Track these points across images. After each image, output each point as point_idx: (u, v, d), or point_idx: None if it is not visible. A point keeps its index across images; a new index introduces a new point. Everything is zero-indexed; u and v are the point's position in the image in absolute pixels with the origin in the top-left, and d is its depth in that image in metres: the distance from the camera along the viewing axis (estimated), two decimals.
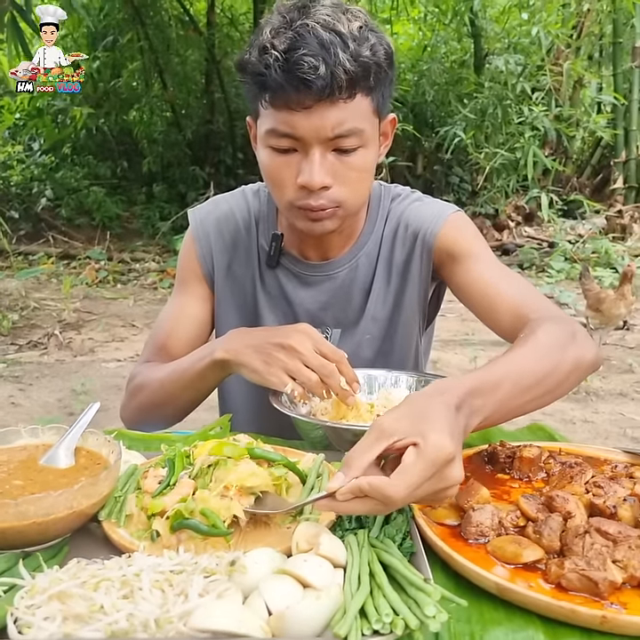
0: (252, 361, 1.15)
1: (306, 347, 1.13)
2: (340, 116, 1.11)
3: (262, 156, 1.22)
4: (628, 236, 8.57)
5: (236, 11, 9.80)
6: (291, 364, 1.12)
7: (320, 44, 1.06)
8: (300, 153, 1.16)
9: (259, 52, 1.11)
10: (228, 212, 1.45)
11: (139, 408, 1.36)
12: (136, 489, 0.94)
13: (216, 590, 0.71)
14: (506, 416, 0.97)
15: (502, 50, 8.17)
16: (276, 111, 1.13)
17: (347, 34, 1.08)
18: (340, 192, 1.19)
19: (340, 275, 1.41)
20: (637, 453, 1.12)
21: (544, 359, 1.02)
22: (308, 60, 1.05)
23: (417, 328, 1.48)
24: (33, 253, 7.96)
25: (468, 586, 0.80)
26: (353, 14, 1.12)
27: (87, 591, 0.71)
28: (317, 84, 1.06)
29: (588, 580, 0.75)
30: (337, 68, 1.06)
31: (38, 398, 4.02)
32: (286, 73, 1.07)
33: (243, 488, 0.89)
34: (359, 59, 1.08)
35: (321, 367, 1.12)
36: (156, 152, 9.56)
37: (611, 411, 3.92)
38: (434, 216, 1.38)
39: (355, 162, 1.18)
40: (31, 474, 0.93)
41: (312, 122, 1.11)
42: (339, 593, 0.72)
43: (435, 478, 0.77)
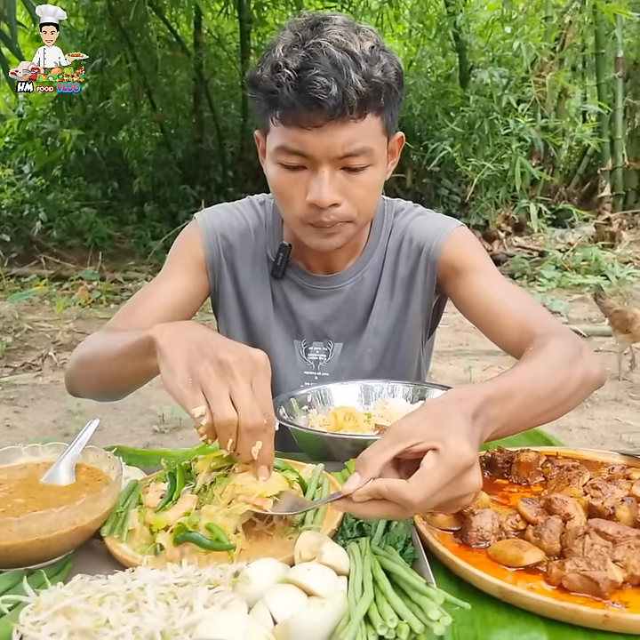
0: (176, 357, 0.91)
1: (246, 377, 0.87)
2: (351, 136, 1.12)
3: (271, 171, 1.23)
4: (618, 244, 8.64)
5: (222, 31, 9.88)
6: (215, 385, 0.86)
7: (332, 64, 1.06)
8: (309, 170, 1.17)
9: (271, 69, 1.11)
10: (239, 215, 1.45)
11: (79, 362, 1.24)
12: (137, 504, 0.94)
13: (221, 601, 0.72)
14: (518, 427, 0.96)
15: (487, 63, 8.25)
16: (287, 128, 1.13)
17: (359, 54, 1.09)
18: (350, 209, 1.20)
19: (346, 288, 1.42)
20: (634, 455, 1.13)
21: (556, 373, 1.02)
22: (321, 80, 1.06)
23: (419, 340, 1.49)
24: (25, 276, 7.95)
25: (471, 590, 0.81)
26: (365, 33, 1.13)
27: (92, 606, 0.71)
28: (329, 103, 1.07)
29: (589, 580, 0.76)
30: (349, 88, 1.07)
31: (34, 420, 4.00)
32: (298, 92, 1.07)
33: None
34: (371, 79, 1.09)
35: (249, 412, 0.85)
36: (146, 172, 9.58)
37: (606, 417, 3.93)
38: (438, 230, 1.39)
39: (363, 180, 1.19)
40: (32, 492, 0.93)
41: (322, 140, 1.12)
42: (343, 600, 0.72)
43: (453, 484, 0.77)
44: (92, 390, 1.28)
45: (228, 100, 10.13)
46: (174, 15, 8.74)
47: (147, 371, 1.04)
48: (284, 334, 1.45)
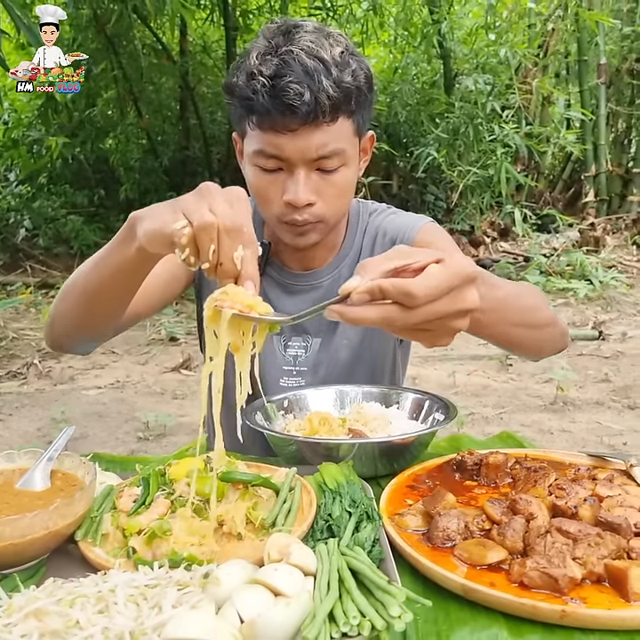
0: (159, 208, 0.91)
1: (225, 197, 0.86)
2: (324, 139, 1.18)
3: (249, 173, 1.28)
4: (602, 248, 8.72)
5: (208, 38, 9.89)
6: (193, 204, 0.85)
7: (304, 72, 1.13)
8: (285, 172, 1.23)
9: (246, 77, 1.17)
10: None
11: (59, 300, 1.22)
12: (111, 508, 0.95)
13: (190, 602, 0.73)
14: (495, 325, 0.99)
15: (471, 70, 8.31)
16: (263, 133, 1.19)
17: (329, 60, 1.14)
18: (323, 208, 1.27)
19: (324, 284, 1.47)
20: (600, 456, 1.16)
21: (534, 297, 1.15)
22: (294, 87, 1.12)
23: (394, 337, 1.52)
24: (11, 284, 7.92)
25: (436, 588, 0.83)
26: (335, 39, 1.19)
27: (63, 608, 0.72)
28: (302, 109, 1.13)
29: (548, 577, 0.78)
30: (320, 94, 1.13)
31: (18, 428, 3.99)
32: (273, 99, 1.13)
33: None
34: (341, 84, 1.15)
35: (228, 215, 0.83)
36: (132, 179, 9.56)
37: (588, 420, 3.97)
38: (409, 224, 1.46)
39: (337, 180, 1.25)
40: (7, 497, 0.94)
41: (297, 144, 1.18)
42: (308, 599, 0.74)
43: (454, 294, 0.75)
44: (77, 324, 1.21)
45: (215, 107, 10.13)
46: (159, 23, 8.74)
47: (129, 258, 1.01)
48: None
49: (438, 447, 1.35)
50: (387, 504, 1.00)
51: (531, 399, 4.32)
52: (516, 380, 4.72)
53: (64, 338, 1.28)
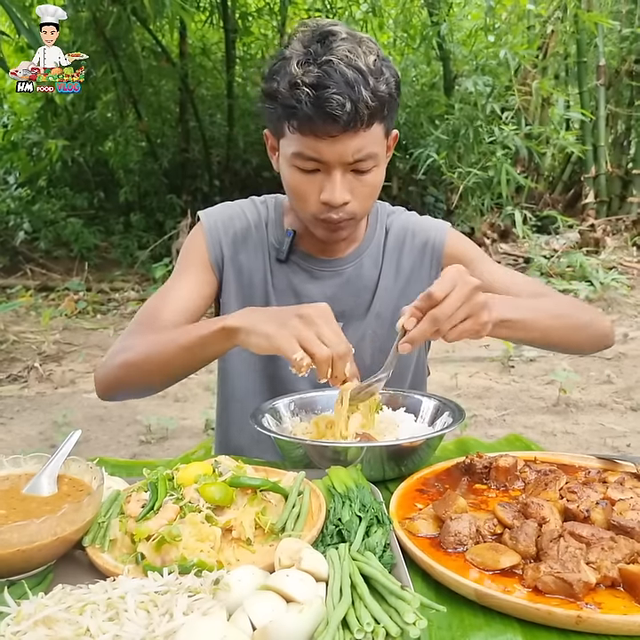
0: (264, 326, 1.12)
1: (324, 321, 1.11)
2: (360, 144, 1.25)
3: (287, 173, 1.34)
4: (602, 249, 8.71)
5: (207, 40, 9.89)
6: (306, 332, 1.08)
7: (345, 82, 1.19)
8: (322, 173, 1.29)
9: (289, 85, 1.22)
10: (240, 212, 1.54)
11: (124, 365, 1.31)
12: (119, 514, 0.95)
13: (201, 609, 0.73)
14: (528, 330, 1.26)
15: (471, 72, 8.31)
16: (303, 137, 1.25)
17: (366, 70, 1.21)
18: (356, 206, 1.34)
19: (347, 271, 1.52)
20: (610, 459, 1.15)
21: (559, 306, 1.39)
22: (337, 98, 1.18)
23: None
24: (11, 287, 7.91)
25: (449, 594, 0.82)
26: (367, 46, 1.25)
27: (73, 615, 0.72)
28: (343, 118, 1.20)
29: (562, 581, 0.77)
30: (360, 104, 1.20)
31: (20, 432, 3.98)
32: (316, 108, 1.20)
33: None
34: (377, 93, 1.22)
35: (337, 344, 1.09)
36: (132, 182, 9.56)
37: (591, 421, 3.96)
38: (437, 227, 1.56)
39: (370, 180, 1.32)
40: (14, 503, 0.94)
41: (336, 149, 1.25)
42: (321, 605, 0.73)
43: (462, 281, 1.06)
44: (142, 386, 1.35)
45: (214, 109, 10.13)
46: (159, 26, 8.74)
47: (223, 352, 1.27)
48: None
49: (446, 450, 1.34)
50: (397, 508, 0.99)
51: (533, 401, 4.32)
52: (519, 382, 4.72)
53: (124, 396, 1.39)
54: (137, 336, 1.34)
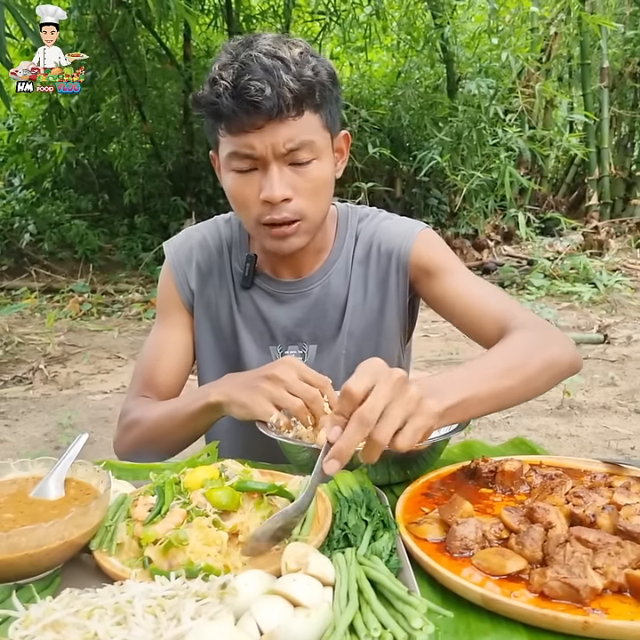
0: (240, 396, 1.19)
1: (289, 375, 1.17)
2: (291, 132, 1.20)
3: (226, 180, 1.30)
4: (605, 252, 8.71)
5: (211, 43, 9.91)
6: (275, 392, 1.15)
7: (264, 70, 1.15)
8: (260, 171, 1.24)
9: (210, 84, 1.21)
10: (201, 240, 1.50)
11: (134, 443, 1.38)
12: (126, 517, 0.95)
13: (208, 613, 0.73)
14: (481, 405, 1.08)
15: (474, 74, 8.32)
16: (233, 136, 1.22)
17: (288, 59, 1.18)
18: (301, 204, 1.27)
19: (314, 291, 1.46)
20: (615, 463, 1.15)
21: (511, 356, 1.17)
22: (254, 84, 1.14)
23: (398, 344, 1.53)
24: (16, 288, 7.93)
25: (455, 598, 0.82)
26: (293, 43, 1.22)
27: (81, 619, 0.72)
28: (265, 104, 1.15)
29: (569, 587, 0.77)
30: (282, 88, 1.15)
31: (25, 433, 3.99)
32: (236, 99, 1.16)
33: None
34: (302, 78, 1.18)
35: (304, 392, 1.15)
36: (136, 184, 9.58)
37: (595, 424, 3.96)
38: (405, 233, 1.45)
39: (310, 173, 1.26)
40: (21, 506, 0.94)
41: (265, 140, 1.20)
42: (328, 610, 0.73)
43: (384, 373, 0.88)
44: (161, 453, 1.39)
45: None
46: (163, 28, 8.77)
47: (217, 419, 1.31)
48: (258, 342, 1.49)
49: (451, 454, 1.34)
50: (402, 512, 0.99)
51: (537, 403, 4.31)
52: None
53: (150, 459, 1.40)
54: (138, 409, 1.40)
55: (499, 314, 1.32)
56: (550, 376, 1.20)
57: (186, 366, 1.51)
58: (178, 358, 1.49)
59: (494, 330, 1.30)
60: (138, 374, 1.50)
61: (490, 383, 1.09)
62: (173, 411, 1.32)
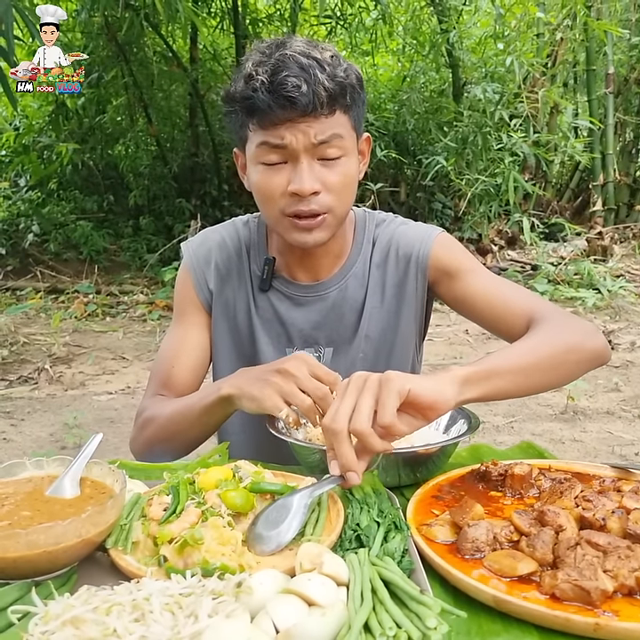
0: (251, 389, 1.19)
1: (301, 370, 1.16)
2: (323, 127, 1.23)
3: (253, 173, 1.31)
4: (610, 257, 8.71)
5: (218, 46, 9.94)
6: (285, 387, 1.15)
7: (300, 67, 1.19)
8: (289, 164, 1.26)
9: (244, 80, 1.23)
10: (220, 241, 1.52)
11: (149, 441, 1.39)
12: (141, 516, 0.96)
13: (224, 611, 0.74)
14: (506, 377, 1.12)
15: (480, 79, 8.35)
16: (265, 130, 1.24)
17: (322, 59, 1.21)
18: (328, 198, 1.29)
19: (331, 295, 1.47)
20: (624, 468, 1.16)
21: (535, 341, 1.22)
22: (292, 81, 1.17)
23: (413, 347, 1.55)
24: (21, 289, 7.96)
25: (466, 600, 0.83)
26: (323, 47, 1.26)
27: (99, 616, 0.73)
28: (301, 100, 1.18)
29: (580, 589, 0.78)
30: (317, 86, 1.19)
31: (31, 433, 4.00)
32: (272, 94, 1.19)
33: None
34: (335, 78, 1.21)
35: (315, 390, 1.15)
36: (142, 185, 9.61)
37: (599, 429, 3.96)
38: (423, 237, 1.47)
39: (339, 169, 1.28)
40: (38, 505, 0.95)
41: (298, 132, 1.22)
42: (343, 609, 0.75)
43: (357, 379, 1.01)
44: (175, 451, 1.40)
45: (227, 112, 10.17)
46: (170, 31, 8.80)
47: (230, 414, 1.32)
48: (275, 344, 1.50)
49: (459, 457, 1.35)
50: (414, 514, 1.00)
51: (541, 408, 4.32)
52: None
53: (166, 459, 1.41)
54: (154, 406, 1.41)
55: (523, 308, 1.35)
56: (576, 360, 1.23)
57: (203, 366, 1.52)
58: (195, 357, 1.50)
59: (521, 324, 1.33)
60: (155, 374, 1.50)
61: (513, 359, 1.15)
62: (186, 406, 1.33)
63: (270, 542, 0.90)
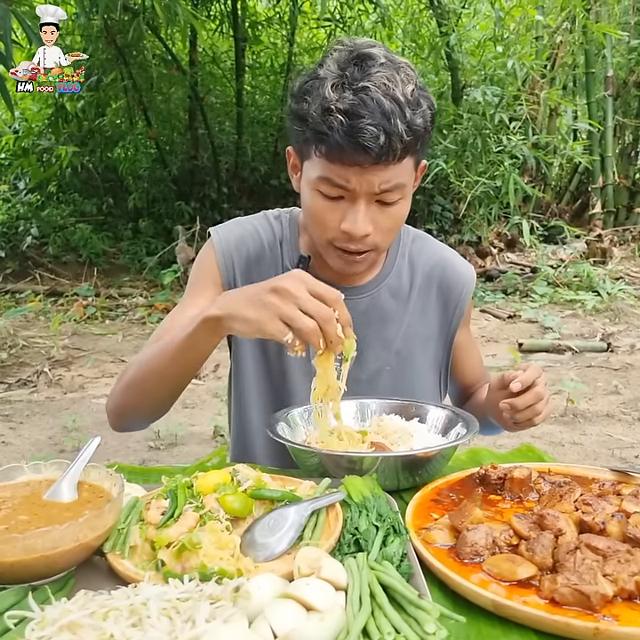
0: (244, 310, 1.08)
1: (300, 289, 1.06)
2: (389, 176, 1.21)
3: (308, 196, 1.30)
4: (609, 260, 8.72)
5: (217, 49, 9.96)
6: (285, 308, 1.04)
7: (381, 113, 1.14)
8: (346, 201, 1.24)
9: (322, 110, 1.17)
10: (252, 231, 1.49)
11: (126, 387, 1.32)
12: (139, 520, 0.96)
13: (222, 616, 0.73)
14: None
15: (479, 82, 8.34)
16: (330, 163, 1.21)
17: (403, 101, 1.16)
18: (377, 238, 1.29)
19: (363, 301, 1.47)
20: (623, 471, 1.16)
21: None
22: (371, 130, 1.14)
23: (438, 375, 1.57)
24: (20, 291, 7.96)
25: (465, 604, 0.83)
26: (406, 73, 1.20)
27: (97, 621, 0.72)
28: (376, 151, 1.15)
29: (580, 593, 0.78)
30: (394, 137, 1.15)
31: (29, 436, 4.00)
32: (349, 137, 1.15)
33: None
34: (413, 127, 1.18)
35: (319, 311, 1.05)
36: (141, 188, 9.62)
37: (598, 432, 3.96)
38: (467, 273, 1.55)
39: (395, 212, 1.28)
40: (35, 509, 0.95)
41: (364, 179, 1.20)
42: (341, 614, 0.74)
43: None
44: (146, 407, 1.34)
45: (223, 117, 10.19)
46: (170, 34, 8.81)
47: (214, 345, 1.21)
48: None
49: (459, 460, 1.35)
50: (413, 518, 1.00)
51: None
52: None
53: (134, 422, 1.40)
54: (142, 351, 1.36)
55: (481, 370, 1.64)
56: None
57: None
58: None
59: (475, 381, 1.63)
60: (153, 335, 1.45)
61: None
62: (168, 341, 1.24)
63: (264, 550, 0.90)
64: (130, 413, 1.34)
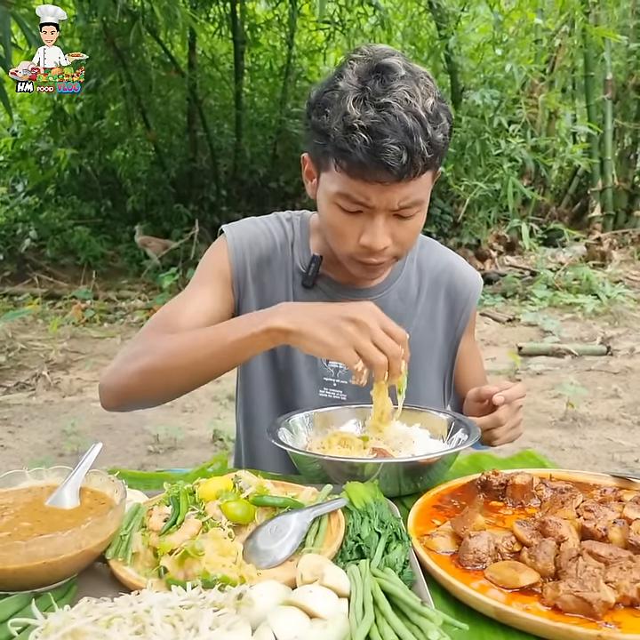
0: (320, 332, 1.12)
1: (375, 324, 1.11)
2: (409, 192, 1.22)
3: (326, 210, 1.30)
4: (608, 263, 8.72)
5: (216, 51, 9.96)
6: (363, 341, 1.09)
7: (404, 131, 1.14)
8: (365, 215, 1.25)
9: (344, 127, 1.16)
10: (266, 230, 1.50)
11: (143, 371, 1.26)
12: (141, 527, 0.96)
13: (225, 623, 0.74)
14: None
15: (478, 85, 8.35)
16: (351, 179, 1.20)
17: (425, 118, 1.16)
18: (396, 249, 1.30)
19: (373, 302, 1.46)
20: (625, 477, 1.16)
21: None
22: (394, 149, 1.14)
23: (442, 382, 1.59)
24: (18, 294, 7.94)
25: (468, 611, 0.83)
26: (426, 85, 1.20)
27: (100, 628, 0.73)
28: (398, 169, 1.16)
29: (582, 601, 0.78)
30: (416, 155, 1.16)
31: (28, 440, 3.99)
32: (372, 156, 1.15)
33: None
34: (434, 143, 1.18)
35: (392, 348, 1.11)
36: (139, 191, 9.62)
37: (598, 436, 3.96)
38: (473, 279, 1.57)
39: (412, 225, 1.29)
40: (38, 515, 0.95)
41: (384, 196, 1.21)
42: (344, 622, 0.74)
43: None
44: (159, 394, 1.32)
45: (222, 119, 10.19)
46: (169, 36, 8.81)
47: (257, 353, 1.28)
48: None
49: (460, 466, 1.35)
50: (415, 524, 1.00)
51: (540, 415, 4.31)
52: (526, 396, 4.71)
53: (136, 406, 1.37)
54: (154, 339, 1.30)
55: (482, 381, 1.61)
56: None
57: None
58: (205, 319, 1.39)
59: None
60: (153, 320, 1.40)
61: None
62: (212, 335, 1.22)
63: (267, 557, 0.90)
64: (139, 397, 1.30)
